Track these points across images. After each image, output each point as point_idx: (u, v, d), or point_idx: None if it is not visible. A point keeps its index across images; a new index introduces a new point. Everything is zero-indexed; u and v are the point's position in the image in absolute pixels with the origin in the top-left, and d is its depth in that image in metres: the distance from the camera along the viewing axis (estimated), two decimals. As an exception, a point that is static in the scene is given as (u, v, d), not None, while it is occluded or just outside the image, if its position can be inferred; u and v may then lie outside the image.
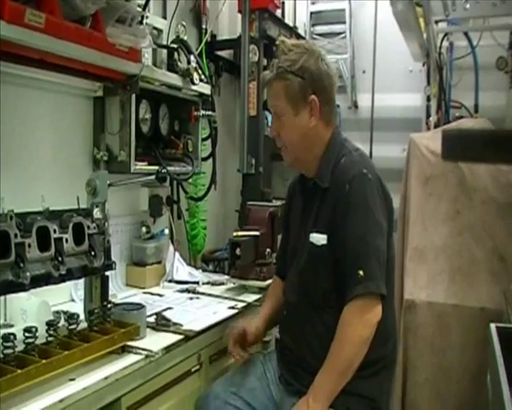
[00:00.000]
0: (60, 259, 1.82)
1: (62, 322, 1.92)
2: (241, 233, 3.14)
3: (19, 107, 2.37)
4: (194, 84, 3.10)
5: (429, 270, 3.29)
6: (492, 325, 1.62)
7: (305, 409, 1.98)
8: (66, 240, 1.86)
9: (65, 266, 1.84)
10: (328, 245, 2.13)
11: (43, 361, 1.66)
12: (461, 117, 4.43)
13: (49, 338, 1.79)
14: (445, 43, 4.77)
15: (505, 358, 1.44)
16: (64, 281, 1.86)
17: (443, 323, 3.16)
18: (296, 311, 2.27)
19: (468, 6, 3.48)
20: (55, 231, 1.82)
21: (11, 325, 2.12)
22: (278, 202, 3.53)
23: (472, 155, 0.86)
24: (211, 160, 3.55)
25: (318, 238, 2.16)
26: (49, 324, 1.80)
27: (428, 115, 4.56)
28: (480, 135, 0.82)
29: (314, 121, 2.22)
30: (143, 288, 3.00)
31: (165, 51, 3.22)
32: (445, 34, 4.71)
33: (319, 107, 2.21)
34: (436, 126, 4.36)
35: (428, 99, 4.58)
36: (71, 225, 1.89)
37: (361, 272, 2.00)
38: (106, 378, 1.80)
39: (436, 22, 4.34)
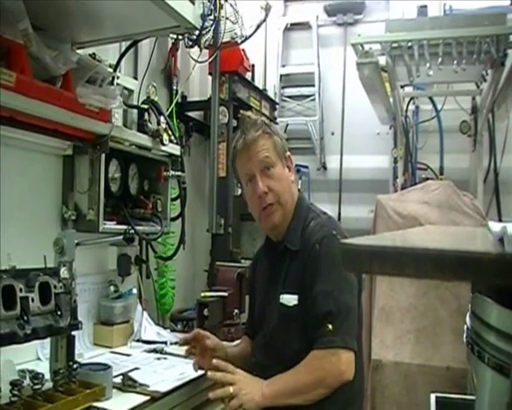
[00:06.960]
0: (25, 318, 1.80)
1: (27, 381, 1.89)
2: (208, 294, 3.15)
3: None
4: (163, 144, 3.13)
5: (395, 330, 3.32)
6: (432, 395, 1.62)
7: (258, 391, 2.06)
8: (32, 299, 1.85)
9: (30, 325, 1.82)
10: (300, 305, 2.16)
11: (6, 422, 1.64)
12: (427, 179, 4.50)
13: (13, 398, 1.76)
14: (411, 107, 4.91)
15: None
16: (29, 341, 1.84)
17: (409, 382, 3.17)
18: (266, 371, 2.23)
19: (431, 72, 3.59)
20: (21, 290, 1.80)
21: (-26, 385, 2.09)
22: (247, 263, 3.54)
23: (370, 269, 0.88)
24: (180, 219, 3.56)
25: (289, 299, 2.18)
26: (13, 383, 1.77)
27: (395, 177, 4.65)
28: (375, 251, 0.84)
29: (293, 176, 2.35)
30: (111, 347, 2.95)
31: (135, 111, 3.27)
32: (411, 98, 4.85)
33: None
34: (403, 188, 4.42)
35: (395, 161, 4.67)
36: (37, 284, 1.88)
37: (330, 326, 2.03)
38: (69, 440, 1.78)
39: (402, 87, 4.46)
